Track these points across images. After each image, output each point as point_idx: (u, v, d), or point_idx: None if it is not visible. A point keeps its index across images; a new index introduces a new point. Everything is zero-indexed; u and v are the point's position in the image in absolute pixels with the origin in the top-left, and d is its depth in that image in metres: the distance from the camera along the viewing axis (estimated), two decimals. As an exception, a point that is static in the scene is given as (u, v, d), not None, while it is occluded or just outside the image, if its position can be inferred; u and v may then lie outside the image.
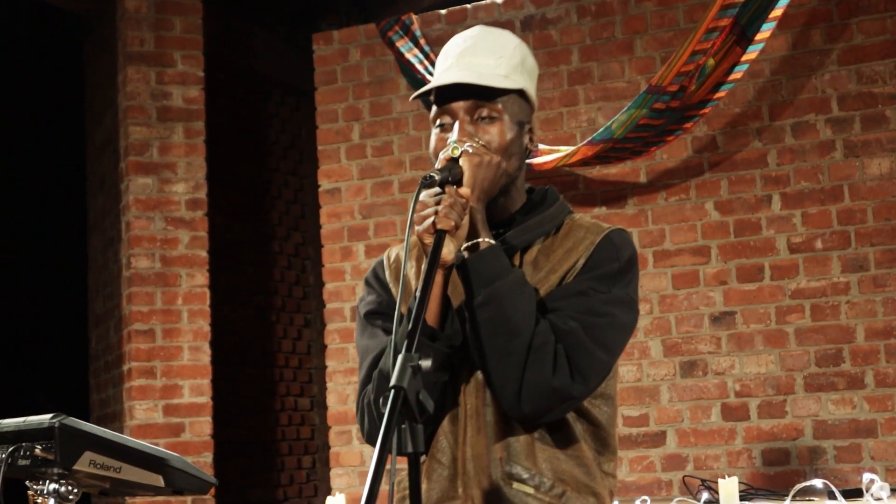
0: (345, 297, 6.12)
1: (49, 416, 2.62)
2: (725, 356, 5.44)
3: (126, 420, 6.07)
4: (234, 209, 7.40)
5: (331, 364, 6.13)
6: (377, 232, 6.10)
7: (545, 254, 2.29)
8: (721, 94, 5.16)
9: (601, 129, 5.28)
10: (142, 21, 6.29)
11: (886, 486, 4.34)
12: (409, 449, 1.77)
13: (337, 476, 6.01)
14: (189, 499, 6.11)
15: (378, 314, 2.37)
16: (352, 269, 6.12)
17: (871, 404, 5.21)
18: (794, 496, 4.31)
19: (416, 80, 5.95)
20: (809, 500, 4.31)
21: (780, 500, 4.33)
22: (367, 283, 2.44)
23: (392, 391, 1.77)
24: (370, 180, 6.15)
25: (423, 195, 2.14)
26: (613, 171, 5.66)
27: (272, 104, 8.02)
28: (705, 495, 4.62)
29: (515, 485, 2.20)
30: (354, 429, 6.00)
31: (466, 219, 2.15)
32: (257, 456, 7.47)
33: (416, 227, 2.12)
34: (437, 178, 2.13)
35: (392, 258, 2.44)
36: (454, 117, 2.25)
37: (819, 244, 5.37)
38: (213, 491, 5.64)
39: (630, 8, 5.77)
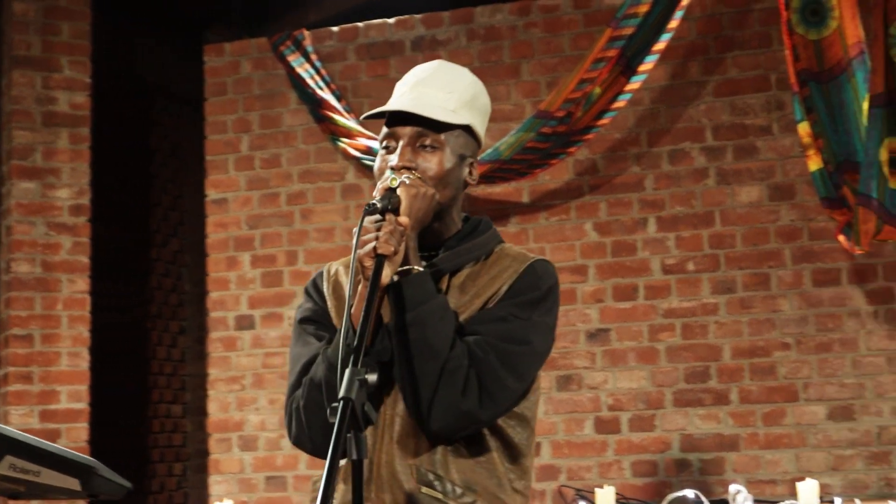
0: (229, 306, 6.18)
1: (-31, 420, 2.67)
2: (599, 371, 5.66)
3: (1, 425, 6.01)
4: (114, 216, 7.38)
5: (213, 372, 6.18)
6: (263, 243, 6.17)
7: (472, 279, 2.43)
8: (605, 120, 5.39)
9: (489, 150, 5.46)
10: (29, 25, 6.25)
11: (750, 497, 4.59)
12: (354, 456, 1.91)
13: (216, 483, 6.06)
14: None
15: (311, 321, 2.49)
16: (237, 278, 6.18)
17: (735, 419, 5.48)
18: (666, 506, 4.54)
19: (307, 94, 6.05)
20: (680, 510, 4.54)
21: (653, 510, 4.55)
22: (307, 291, 2.56)
23: (341, 402, 1.90)
24: (258, 192, 6.22)
25: (366, 222, 2.28)
26: (497, 190, 5.84)
27: (155, 112, 8.01)
28: (583, 504, 4.82)
29: (425, 489, 2.32)
30: (235, 436, 6.06)
31: (403, 244, 2.29)
32: (129, 462, 7.44)
33: (359, 252, 2.25)
34: (378, 206, 2.28)
35: (332, 272, 2.56)
36: (398, 141, 2.40)
37: (691, 266, 5.63)
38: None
39: (518, 33, 5.97)
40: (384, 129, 2.44)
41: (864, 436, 5.32)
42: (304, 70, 6.07)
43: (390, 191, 2.32)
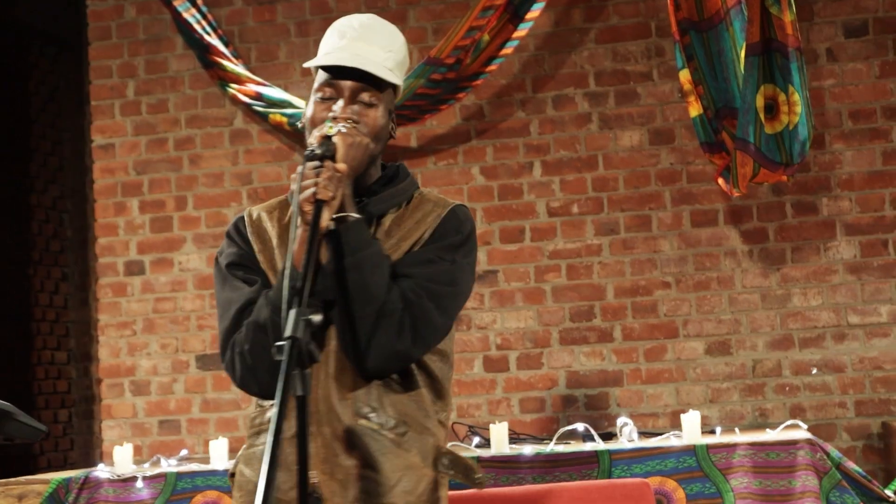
0: (118, 251, 6.17)
1: None
2: (488, 312, 5.82)
3: None
4: (-7, 161, 7.26)
5: (103, 318, 6.18)
6: (151, 188, 6.17)
7: (397, 223, 2.57)
8: (493, 67, 5.51)
9: (379, 96, 5.52)
10: None
11: (635, 429, 4.79)
12: (300, 392, 2.02)
13: (108, 428, 6.08)
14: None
15: (239, 266, 2.59)
16: (125, 224, 6.17)
17: (618, 356, 5.70)
18: (556, 439, 4.71)
19: (194, 39, 6.03)
20: (568, 443, 4.71)
21: (544, 444, 4.72)
22: (229, 236, 2.65)
23: (288, 341, 2.01)
24: (145, 137, 6.20)
25: (306, 168, 2.36)
26: (386, 135, 5.91)
27: (32, 54, 7.87)
28: (476, 440, 4.97)
29: (362, 422, 2.46)
30: (127, 381, 6.09)
31: (340, 190, 2.38)
32: (15, 410, 7.38)
33: (300, 197, 2.34)
34: (318, 152, 2.37)
35: (254, 217, 2.65)
36: (339, 94, 2.51)
37: (575, 209, 5.80)
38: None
39: (404, -21, 6.04)
40: (321, 77, 2.53)
41: (740, 369, 5.58)
42: (190, 15, 6.04)
43: (327, 138, 2.42)
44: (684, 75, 5.19)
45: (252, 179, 6.07)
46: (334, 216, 2.40)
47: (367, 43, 2.54)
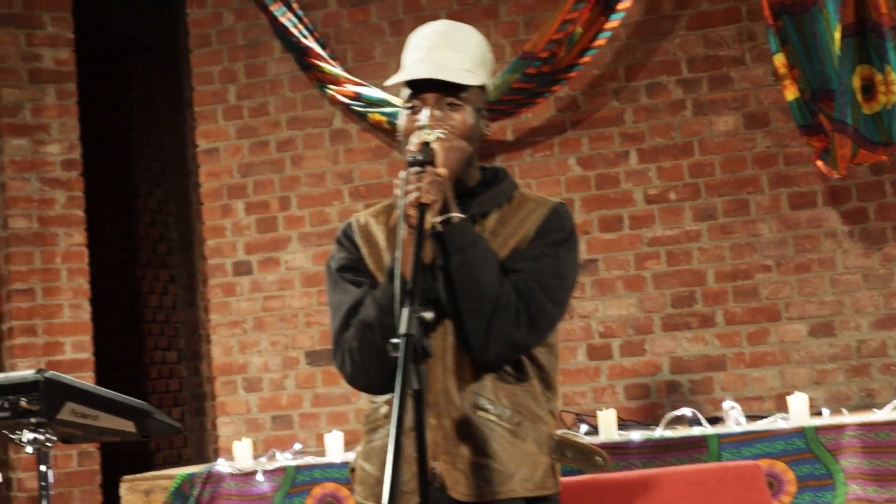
0: (226, 252, 6.34)
1: (32, 370, 2.85)
2: (590, 300, 5.89)
3: (8, 378, 6.16)
4: (100, 169, 7.49)
5: (214, 318, 6.35)
6: (256, 190, 6.33)
7: (501, 222, 2.69)
8: (587, 58, 5.57)
9: (475, 92, 5.61)
10: (10, -18, 6.33)
11: (741, 411, 4.82)
12: (416, 386, 2.14)
13: (224, 424, 6.26)
14: (75, 452, 6.28)
15: (349, 269, 2.73)
16: (232, 225, 6.34)
17: (720, 341, 5.72)
18: (664, 425, 4.76)
19: (291, 42, 6.17)
20: (676, 428, 4.77)
21: (651, 430, 4.78)
22: (339, 242, 2.79)
23: (403, 338, 2.14)
24: (247, 140, 6.37)
25: (408, 174, 2.48)
26: (483, 129, 5.99)
27: (130, 63, 8.10)
28: (584, 427, 5.05)
29: (480, 413, 2.58)
30: (239, 378, 6.25)
31: (442, 193, 2.49)
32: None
33: (404, 202, 2.45)
34: (419, 158, 2.48)
35: (362, 222, 2.79)
36: (424, 104, 2.61)
37: (672, 195, 5.84)
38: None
39: (494, -26, 6.12)
40: (406, 91, 2.65)
41: (844, 350, 5.58)
42: (286, 19, 6.18)
43: (426, 145, 2.53)
44: (779, 59, 5.21)
45: (353, 178, 6.20)
46: (439, 219, 2.51)
47: (443, 49, 2.63)
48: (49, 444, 2.91)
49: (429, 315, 2.21)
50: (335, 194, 6.23)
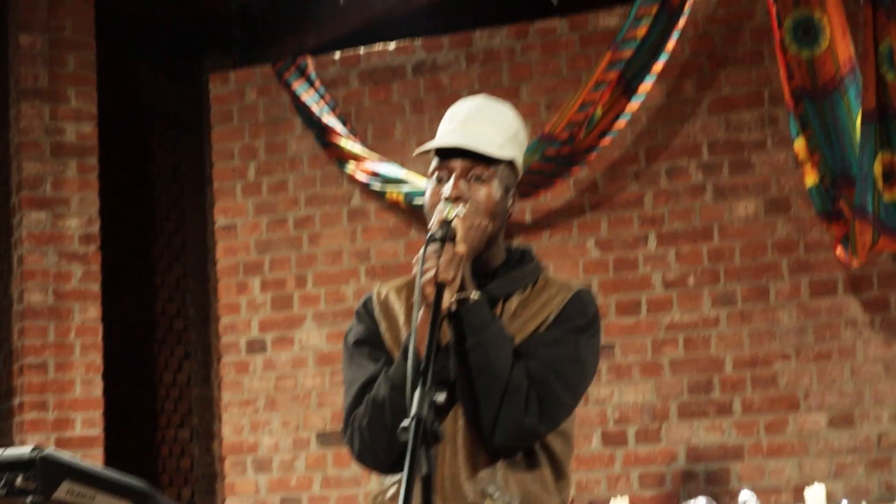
0: (240, 330, 6.30)
1: (29, 448, 2.78)
2: (605, 386, 5.80)
3: (17, 453, 6.09)
4: (119, 243, 7.48)
5: (226, 396, 6.30)
6: (272, 267, 6.30)
7: (523, 305, 2.60)
8: (606, 140, 5.55)
9: (493, 173, 5.59)
10: (36, 57, 6.36)
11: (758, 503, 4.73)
12: (424, 471, 2.06)
13: (231, 505, 6.18)
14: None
15: (365, 344, 2.64)
16: (247, 303, 6.31)
17: (738, 429, 5.62)
18: (678, 515, 4.67)
19: (312, 120, 6.19)
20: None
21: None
22: (358, 314, 2.71)
23: (413, 421, 2.07)
24: (265, 217, 6.35)
25: (427, 251, 2.42)
26: (501, 210, 5.95)
27: (154, 138, 8.12)
28: (596, 516, 4.95)
29: (487, 501, 2.49)
30: (250, 459, 6.18)
31: (460, 272, 2.44)
32: (140, 487, 7.51)
33: (422, 279, 2.39)
34: (437, 236, 2.43)
35: (382, 295, 2.71)
36: (450, 174, 2.55)
37: (691, 280, 5.78)
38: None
39: (516, 56, 6.12)
40: (435, 162, 2.59)
41: (865, 442, 5.46)
42: (308, 96, 6.21)
43: (447, 222, 2.47)
44: (799, 144, 5.17)
45: (370, 257, 6.17)
46: (455, 298, 2.45)
47: (476, 123, 2.57)
48: (44, 524, 2.83)
49: (441, 397, 2.16)
50: (352, 273, 6.19)
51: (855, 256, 5.01)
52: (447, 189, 2.53)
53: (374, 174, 5.97)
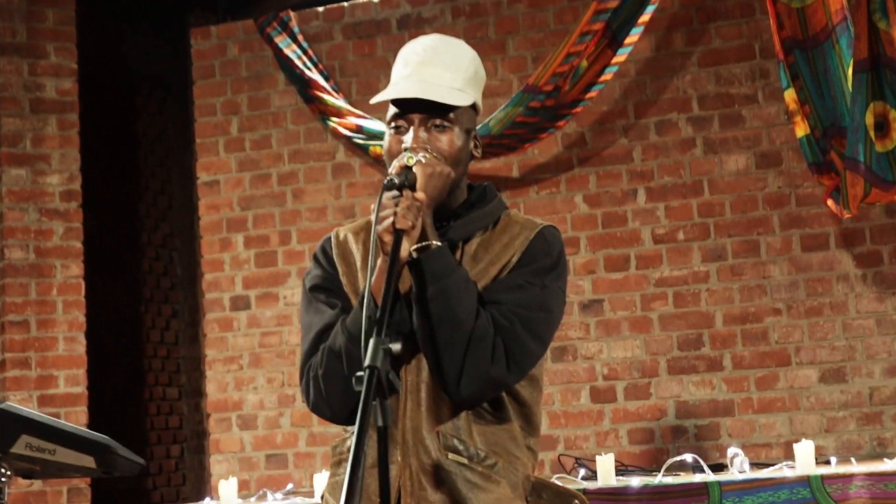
0: (224, 287, 6.22)
1: (-13, 401, 2.70)
2: (594, 342, 5.73)
3: (0, 411, 6.04)
4: (104, 202, 7.39)
5: (210, 353, 6.22)
6: (256, 224, 6.21)
7: (484, 247, 2.50)
8: (592, 93, 5.44)
9: (479, 126, 5.48)
10: (14, 12, 6.26)
11: (746, 460, 4.66)
12: (380, 423, 1.98)
13: (217, 463, 6.11)
14: (65, 488, 6.14)
15: (322, 289, 2.54)
16: (231, 259, 6.22)
17: (728, 385, 5.55)
18: (664, 471, 4.60)
19: (295, 75, 6.08)
20: (677, 475, 4.60)
21: (651, 476, 4.61)
22: (315, 258, 2.60)
23: (367, 371, 1.96)
24: (249, 173, 6.26)
25: (384, 198, 2.32)
26: (487, 165, 5.89)
27: (140, 97, 8.02)
28: (582, 472, 4.88)
29: (451, 455, 2.40)
30: (234, 416, 6.11)
31: (420, 219, 2.34)
32: (128, 446, 7.47)
33: (378, 227, 2.30)
34: (396, 182, 2.33)
35: (341, 238, 2.60)
36: (409, 124, 2.45)
37: (681, 235, 5.69)
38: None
39: (502, 9, 6.01)
40: (392, 110, 2.48)
41: (856, 397, 5.40)
42: (291, 51, 6.10)
43: (407, 168, 2.37)
44: (789, 95, 5.06)
45: (355, 213, 6.08)
46: (415, 246, 2.36)
47: (432, 66, 2.47)
48: (4, 480, 2.76)
49: (396, 347, 2.03)
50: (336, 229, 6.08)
51: (846, 209, 4.92)
52: (407, 139, 2.44)
53: (358, 129, 5.86)
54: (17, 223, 6.15)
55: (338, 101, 5.96)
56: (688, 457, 4.68)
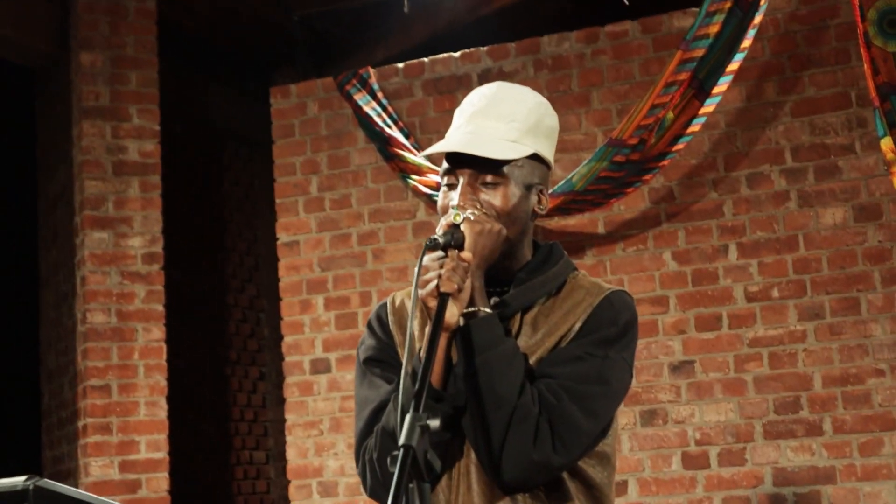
0: (304, 350, 6.10)
1: (23, 477, 2.58)
2: (685, 405, 5.48)
3: (81, 477, 5.99)
4: (189, 262, 7.36)
5: (290, 417, 6.10)
6: (336, 284, 6.10)
7: (545, 314, 2.29)
8: (679, 146, 5.23)
9: (562, 182, 5.33)
10: (97, 75, 6.27)
11: (849, 532, 4.38)
12: (417, 508, 1.79)
13: (298, 531, 5.97)
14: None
15: (377, 361, 2.36)
16: (311, 321, 6.11)
17: (829, 451, 5.26)
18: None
19: (375, 132, 5.98)
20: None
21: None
22: (370, 325, 2.43)
23: (401, 450, 1.79)
24: (329, 233, 6.15)
25: (427, 259, 2.16)
26: (572, 221, 5.71)
27: (226, 156, 8.02)
28: (671, 545, 4.64)
29: None
30: (315, 482, 5.97)
31: (468, 282, 2.16)
32: (214, 511, 7.40)
33: (420, 291, 2.13)
34: (440, 241, 2.16)
35: (397, 303, 2.42)
36: (458, 179, 2.27)
37: (776, 293, 5.44)
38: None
39: (586, 61, 5.85)
40: (444, 165, 2.31)
41: (967, 464, 5.08)
42: (370, 108, 6.01)
43: (454, 227, 2.19)
44: (886, 144, 4.80)
45: (436, 272, 5.92)
46: (464, 311, 2.17)
47: (484, 117, 2.28)
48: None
49: (434, 423, 1.85)
50: (418, 290, 5.94)
51: (950, 264, 4.63)
52: (453, 200, 2.25)
53: (438, 187, 5.71)
54: (99, 287, 6.11)
55: (417, 158, 5.84)
56: (784, 530, 4.41)
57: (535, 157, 2.31)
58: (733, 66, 5.08)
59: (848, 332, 5.32)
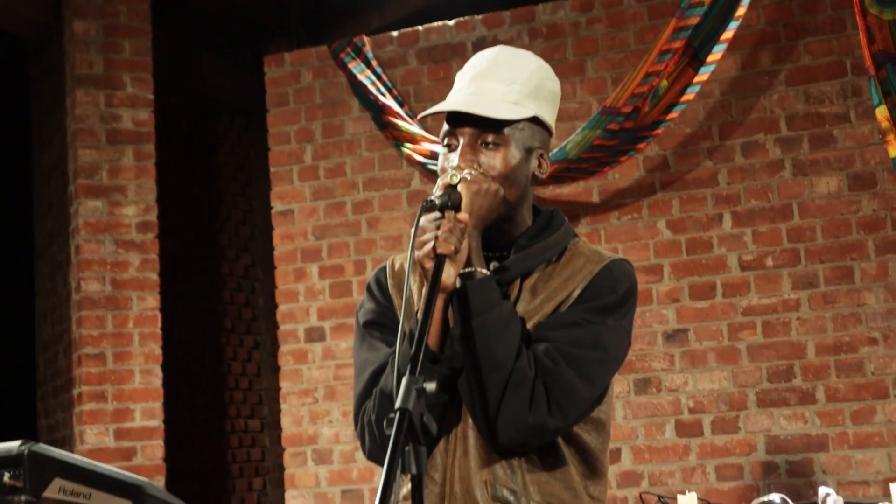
0: (298, 318, 6.11)
1: (17, 442, 2.58)
2: (679, 373, 5.50)
3: (77, 444, 6.01)
4: (184, 232, 7.35)
5: (285, 386, 6.11)
6: (330, 253, 6.09)
7: (544, 280, 2.29)
8: (674, 114, 5.22)
9: (555, 150, 5.33)
10: (90, 44, 6.24)
11: (840, 499, 4.39)
12: (413, 470, 1.81)
13: (292, 498, 5.99)
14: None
15: (376, 324, 2.36)
16: (305, 290, 6.11)
17: (822, 419, 5.28)
18: (751, 511, 4.36)
19: (369, 101, 5.97)
20: (766, 515, 4.36)
21: (737, 516, 4.38)
22: (368, 289, 2.42)
23: (397, 413, 1.79)
24: (323, 202, 6.15)
25: (423, 220, 2.15)
26: (566, 190, 5.70)
27: (221, 126, 7.99)
28: (664, 511, 4.66)
29: None
30: (309, 450, 5.99)
31: (465, 243, 2.16)
32: (209, 479, 7.41)
33: (417, 252, 2.13)
34: (436, 202, 2.15)
35: (396, 267, 2.42)
36: (459, 140, 2.27)
37: (770, 262, 5.44)
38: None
39: (581, 30, 5.83)
40: (444, 127, 2.30)
41: (959, 432, 5.10)
42: (365, 76, 5.99)
43: (450, 187, 2.19)
44: (881, 112, 4.78)
45: (431, 241, 5.92)
46: (461, 272, 2.17)
47: (486, 79, 2.27)
48: (38, 525, 2.64)
49: (431, 386, 1.85)
50: (412, 258, 5.95)
51: (944, 232, 4.64)
52: (453, 160, 2.25)
53: (433, 155, 5.72)
54: (93, 255, 6.11)
55: (412, 126, 5.82)
56: (775, 496, 4.42)
57: (535, 121, 2.30)
58: (728, 34, 5.06)
59: (841, 301, 5.33)
